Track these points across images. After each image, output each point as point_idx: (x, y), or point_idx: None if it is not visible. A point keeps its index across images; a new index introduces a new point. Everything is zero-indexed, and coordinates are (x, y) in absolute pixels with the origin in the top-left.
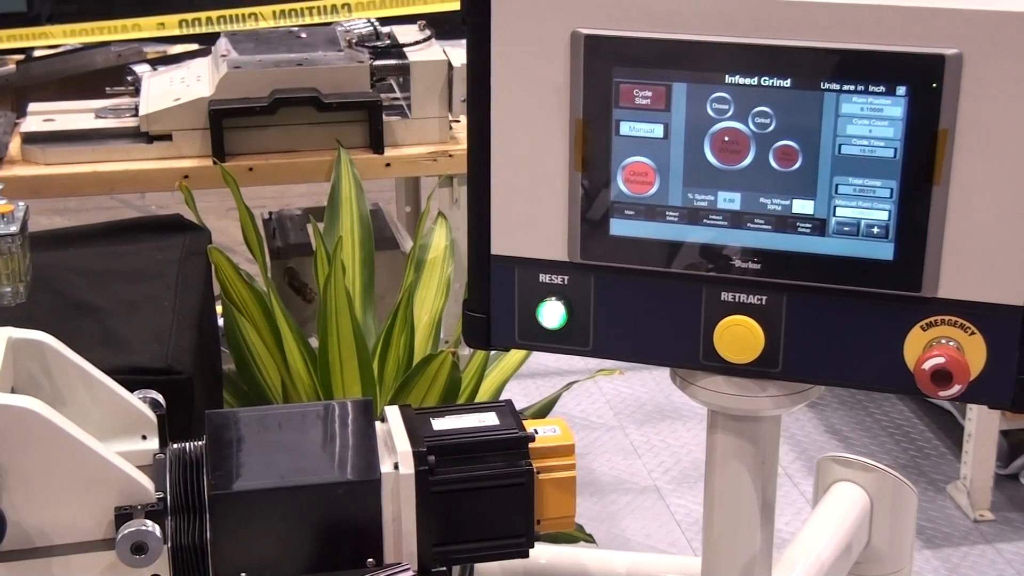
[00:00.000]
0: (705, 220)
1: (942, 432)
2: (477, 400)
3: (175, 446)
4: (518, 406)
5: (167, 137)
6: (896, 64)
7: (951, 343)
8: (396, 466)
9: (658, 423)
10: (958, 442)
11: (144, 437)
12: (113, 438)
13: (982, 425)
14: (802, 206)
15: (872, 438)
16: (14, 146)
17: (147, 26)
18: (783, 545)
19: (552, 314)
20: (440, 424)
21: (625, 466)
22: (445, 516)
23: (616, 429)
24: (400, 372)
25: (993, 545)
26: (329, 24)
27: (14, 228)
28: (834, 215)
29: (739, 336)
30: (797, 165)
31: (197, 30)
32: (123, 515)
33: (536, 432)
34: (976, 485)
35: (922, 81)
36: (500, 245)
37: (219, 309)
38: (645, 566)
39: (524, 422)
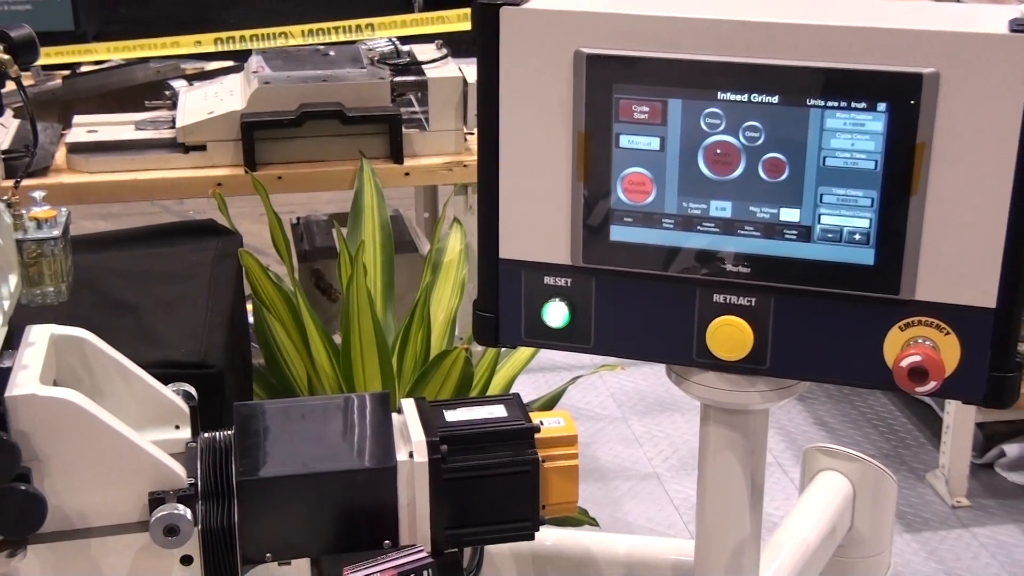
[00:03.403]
0: (698, 227)
1: (922, 424)
2: (489, 393)
3: (206, 435)
4: (527, 399)
5: (202, 147)
6: (877, 82)
7: (927, 342)
8: (411, 455)
9: (658, 415)
10: (937, 433)
11: (177, 427)
12: (148, 428)
13: (959, 418)
14: (789, 214)
15: (857, 429)
16: (60, 155)
17: (185, 43)
18: (773, 529)
19: (556, 314)
20: (452, 416)
21: (627, 454)
22: (456, 501)
23: (619, 420)
24: (417, 367)
25: (969, 529)
26: (353, 43)
27: (56, 232)
28: (819, 223)
29: (730, 335)
30: (784, 176)
31: (231, 47)
32: (157, 499)
33: (542, 423)
34: (953, 473)
35: (901, 98)
36: (508, 249)
37: (249, 308)
38: (643, 548)
39: (531, 414)
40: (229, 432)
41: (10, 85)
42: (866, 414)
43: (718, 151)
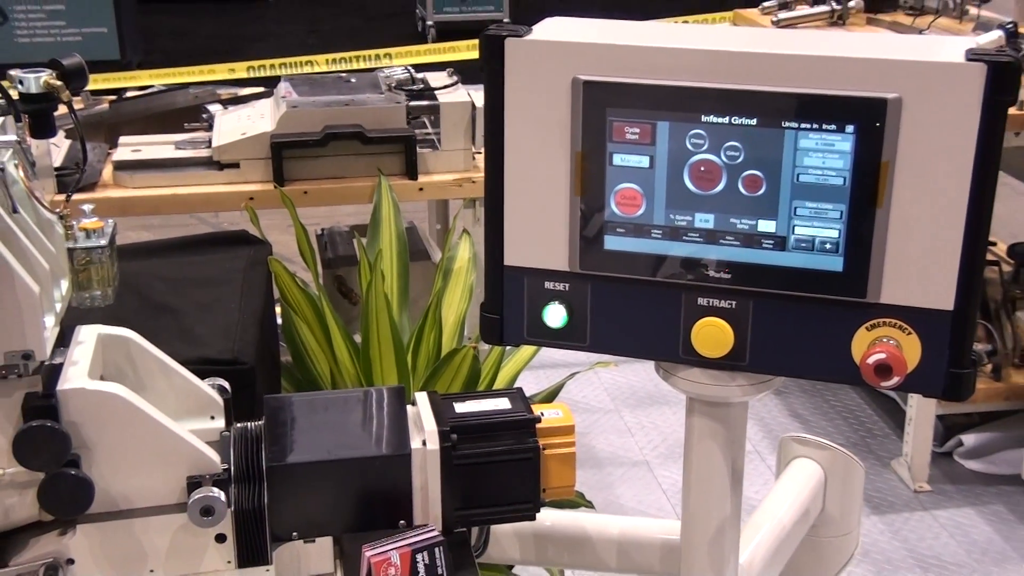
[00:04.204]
0: (684, 237)
1: (887, 416)
2: (495, 387)
3: (239, 425)
4: (529, 393)
5: (235, 165)
6: (846, 106)
7: (891, 341)
8: (424, 443)
9: (648, 407)
10: (901, 424)
11: (212, 417)
12: (186, 418)
13: (921, 410)
14: (766, 225)
15: (828, 421)
16: (107, 172)
17: (220, 71)
18: (752, 511)
19: (555, 315)
20: (462, 408)
21: (620, 443)
22: (465, 485)
23: (612, 412)
24: (430, 363)
25: (930, 512)
26: (372, 71)
27: (103, 241)
28: (793, 233)
29: (712, 335)
30: (762, 191)
31: (262, 74)
32: (194, 483)
33: (542, 415)
34: (916, 461)
35: (867, 121)
36: (512, 257)
37: (278, 310)
38: (634, 529)
39: (532, 406)
40: (259, 422)
41: (62, 108)
42: (836, 407)
43: (702, 168)
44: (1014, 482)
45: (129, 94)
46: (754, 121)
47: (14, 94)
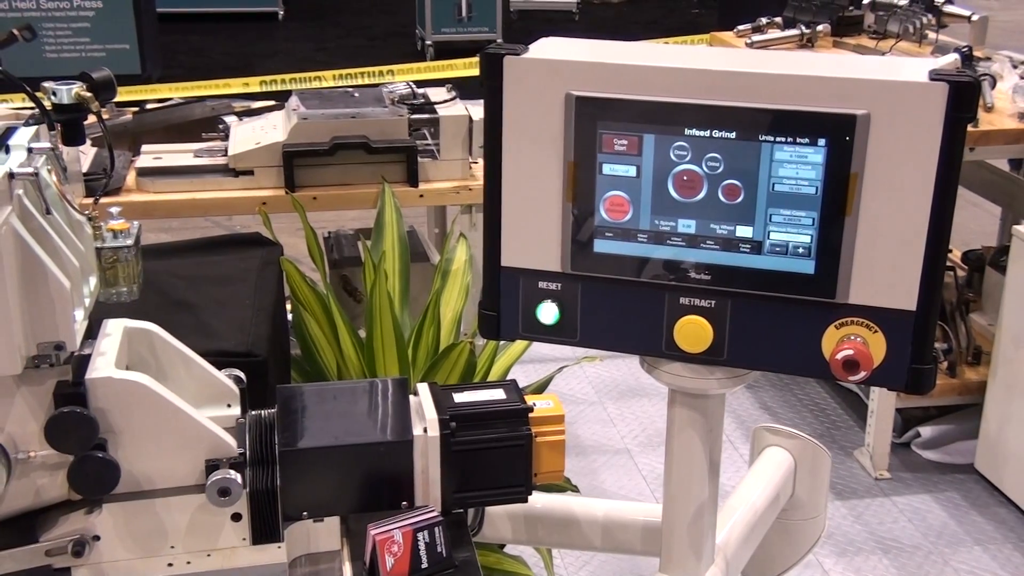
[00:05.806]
0: (668, 241)
1: (851, 408)
2: (489, 379)
3: (253, 413)
4: (520, 385)
5: (249, 172)
6: (818, 121)
7: (858, 339)
8: (425, 430)
9: (630, 399)
10: (863, 416)
11: (229, 405)
12: (205, 406)
13: (882, 404)
14: (743, 231)
15: (796, 413)
16: (130, 178)
17: (235, 85)
18: (727, 496)
19: (548, 313)
20: (460, 398)
21: (603, 433)
22: (463, 470)
23: (596, 404)
24: (429, 357)
25: (890, 498)
26: (376, 86)
27: (129, 242)
28: (768, 238)
29: (693, 332)
30: (740, 199)
31: (274, 88)
32: (212, 466)
33: (534, 405)
34: (877, 451)
35: (838, 135)
36: (508, 258)
37: (288, 307)
38: (618, 511)
39: (525, 397)
40: (272, 410)
41: (90, 118)
42: (803, 400)
43: (684, 178)
44: (966, 471)
45: (150, 106)
46: (733, 135)
47: (48, 104)
